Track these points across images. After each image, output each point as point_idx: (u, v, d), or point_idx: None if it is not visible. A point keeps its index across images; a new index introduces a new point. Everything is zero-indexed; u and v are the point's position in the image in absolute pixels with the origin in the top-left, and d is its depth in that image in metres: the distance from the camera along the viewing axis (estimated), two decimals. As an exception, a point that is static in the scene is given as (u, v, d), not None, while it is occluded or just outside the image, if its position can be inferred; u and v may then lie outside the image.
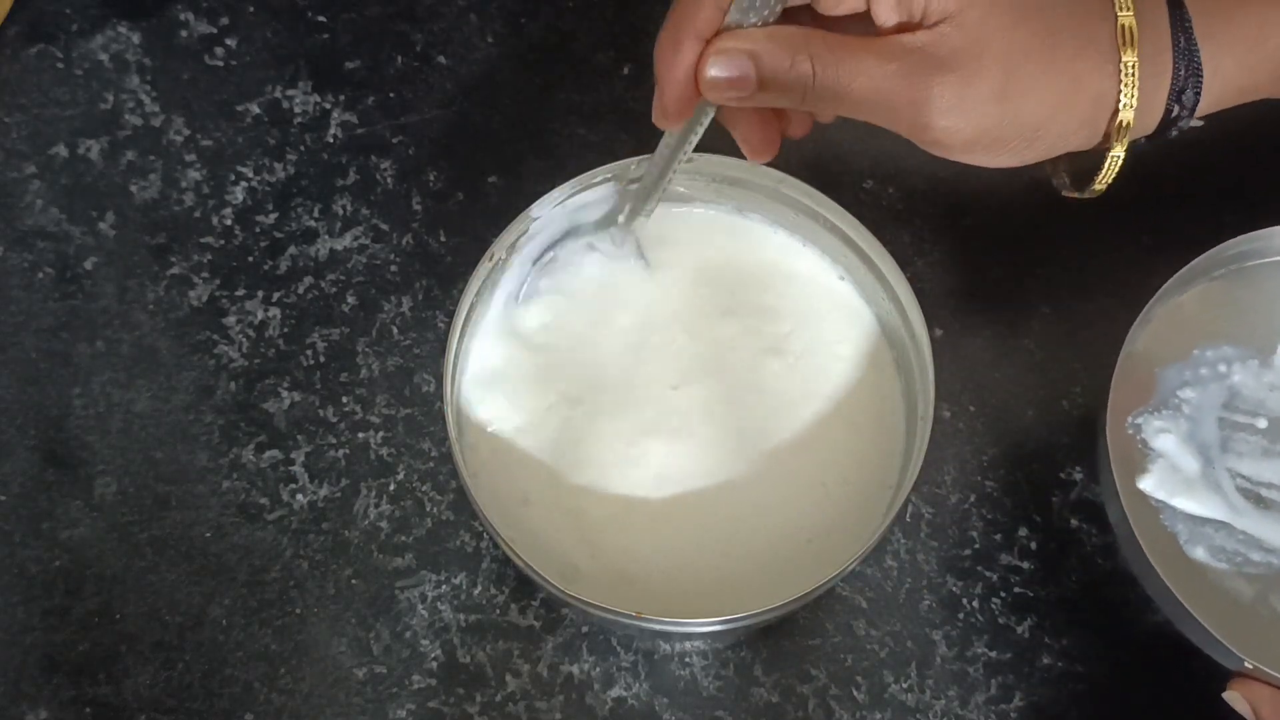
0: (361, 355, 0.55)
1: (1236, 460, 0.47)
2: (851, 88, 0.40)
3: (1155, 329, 0.48)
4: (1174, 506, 0.46)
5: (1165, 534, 0.46)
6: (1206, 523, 0.46)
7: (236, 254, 0.57)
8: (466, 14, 0.62)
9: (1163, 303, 0.48)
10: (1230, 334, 0.49)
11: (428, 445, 0.54)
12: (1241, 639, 0.42)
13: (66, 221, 0.58)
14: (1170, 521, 0.46)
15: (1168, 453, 0.47)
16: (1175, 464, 0.47)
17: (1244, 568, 0.45)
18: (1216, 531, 0.46)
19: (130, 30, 0.61)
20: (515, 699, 0.50)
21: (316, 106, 0.60)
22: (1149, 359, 0.48)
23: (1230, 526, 0.46)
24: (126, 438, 0.54)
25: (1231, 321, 0.49)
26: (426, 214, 0.58)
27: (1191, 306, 0.49)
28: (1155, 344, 0.48)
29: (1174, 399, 0.48)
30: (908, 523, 0.53)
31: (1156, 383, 0.48)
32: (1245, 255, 0.49)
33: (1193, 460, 0.47)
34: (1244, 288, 0.49)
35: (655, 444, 0.49)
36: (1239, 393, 0.48)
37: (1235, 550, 0.46)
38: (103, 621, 0.51)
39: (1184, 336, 0.48)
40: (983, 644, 0.51)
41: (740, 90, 0.40)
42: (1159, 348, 0.48)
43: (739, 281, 0.52)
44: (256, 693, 0.50)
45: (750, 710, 0.50)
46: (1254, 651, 0.42)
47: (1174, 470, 0.47)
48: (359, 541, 0.52)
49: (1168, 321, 0.48)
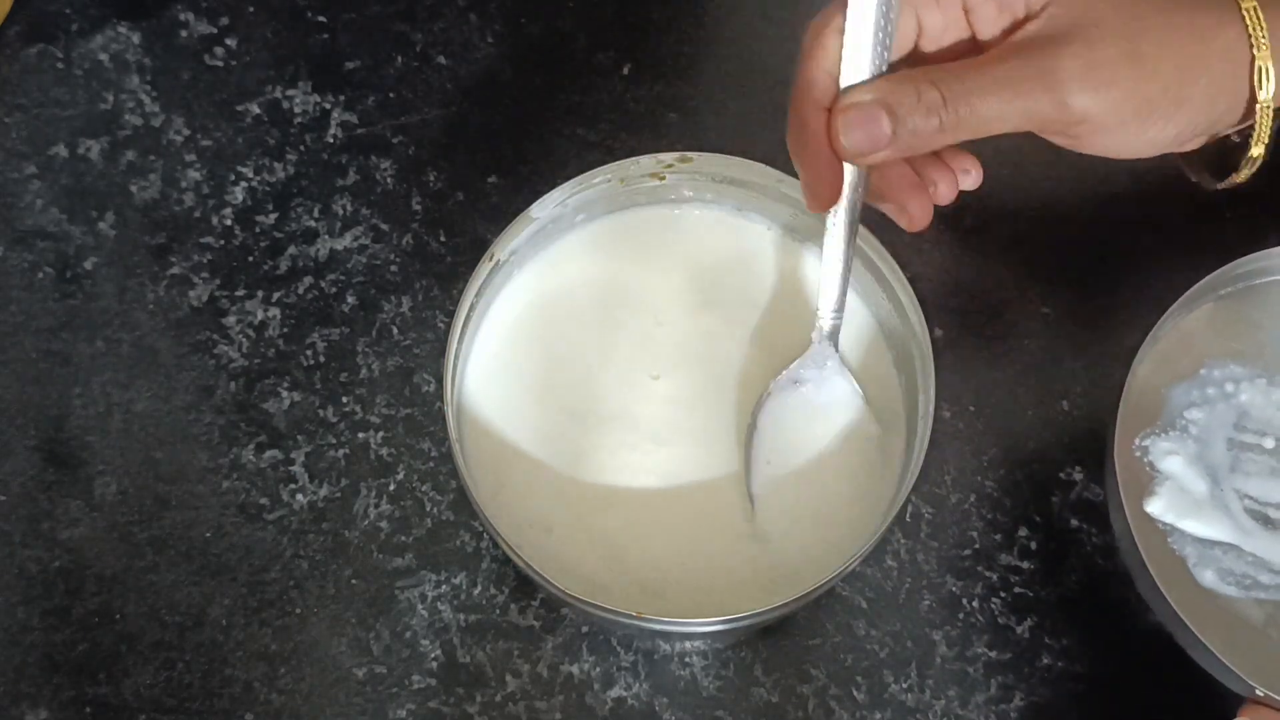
0: (361, 355, 0.55)
1: (1245, 481, 0.47)
2: (984, 98, 0.39)
3: (1162, 349, 0.48)
4: (1182, 529, 0.46)
5: (1174, 558, 0.45)
6: (1215, 545, 0.46)
7: (236, 254, 0.57)
8: (466, 14, 0.62)
9: (1170, 322, 0.47)
10: (1238, 353, 0.48)
11: (428, 445, 0.54)
12: (1252, 665, 0.42)
13: (66, 221, 0.58)
14: (1179, 545, 0.46)
15: (1175, 475, 0.46)
16: (1183, 486, 0.46)
17: (1253, 591, 0.45)
18: (1225, 554, 0.45)
19: (130, 30, 0.61)
20: (515, 699, 0.50)
21: (316, 106, 0.60)
22: (1156, 379, 0.47)
23: (1239, 549, 0.46)
24: (126, 438, 0.54)
25: (1239, 340, 0.48)
26: (426, 214, 0.58)
27: (1199, 325, 0.48)
28: (1162, 364, 0.48)
29: (1181, 419, 0.47)
30: (908, 523, 0.53)
31: (1164, 403, 0.47)
32: (1253, 274, 0.49)
33: (1201, 482, 0.46)
34: (1252, 306, 0.49)
35: (658, 445, 0.49)
36: (1247, 412, 0.47)
37: (1244, 573, 0.45)
38: (103, 621, 0.51)
39: (1191, 356, 0.48)
40: (983, 644, 0.51)
41: (877, 142, 0.40)
42: (1166, 368, 0.48)
43: (741, 282, 0.52)
44: (256, 693, 0.50)
45: (750, 710, 0.50)
46: (1265, 678, 0.42)
47: (1182, 492, 0.46)
48: (359, 541, 0.52)
49: (1175, 341, 0.48)
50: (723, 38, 0.62)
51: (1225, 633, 0.43)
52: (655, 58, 0.61)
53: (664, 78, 0.61)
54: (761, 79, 0.60)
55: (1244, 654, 0.42)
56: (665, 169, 0.51)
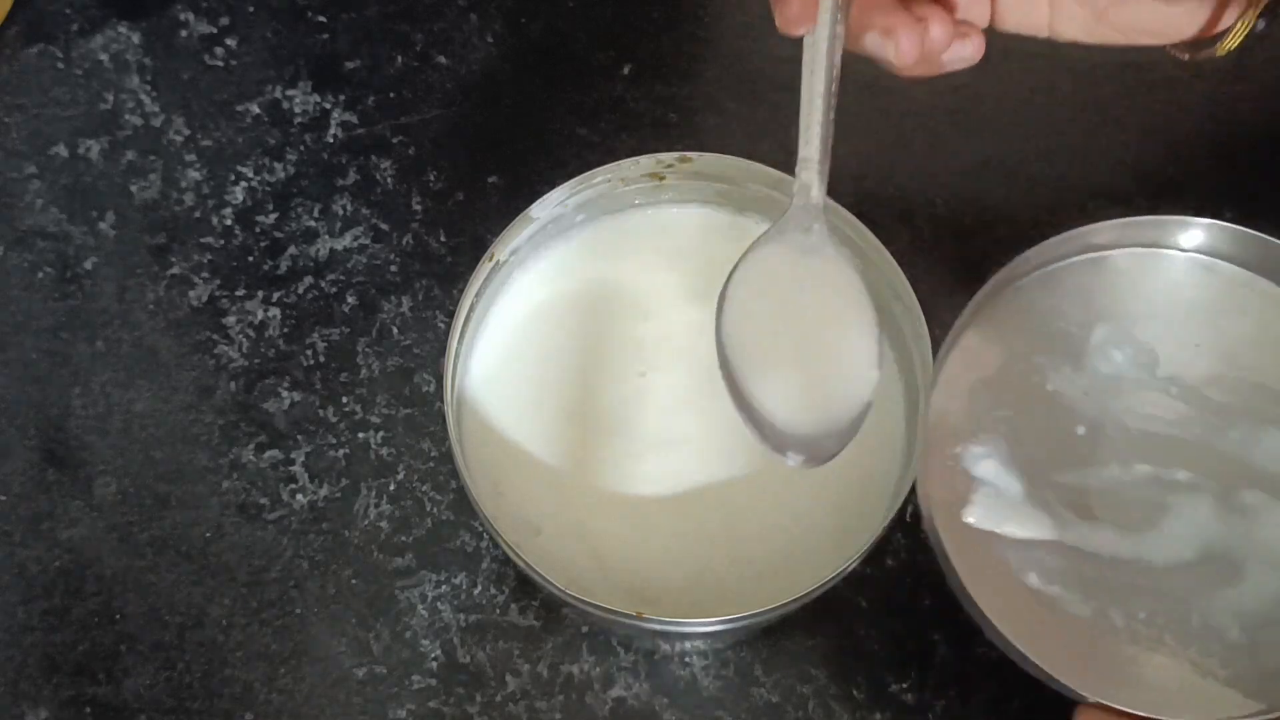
0: (361, 355, 0.55)
1: (1059, 472, 0.44)
2: None
3: (963, 350, 0.45)
4: (1002, 535, 0.43)
5: (997, 564, 0.43)
6: (1037, 545, 0.43)
7: (236, 254, 0.57)
8: (466, 14, 0.62)
9: (968, 323, 0.45)
10: (1039, 343, 0.46)
11: (428, 445, 0.54)
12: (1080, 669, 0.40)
13: (66, 221, 0.58)
14: (1000, 551, 0.43)
15: (989, 479, 0.44)
16: (998, 489, 0.44)
17: (1075, 588, 0.43)
18: (1048, 553, 0.43)
19: (130, 30, 0.61)
20: (515, 699, 0.50)
21: (316, 106, 0.60)
22: (961, 382, 0.45)
23: (1060, 544, 0.43)
24: (126, 438, 0.54)
25: (1039, 330, 0.46)
26: (426, 214, 0.58)
27: (998, 320, 0.46)
28: (965, 366, 0.45)
29: (989, 419, 0.45)
30: (908, 523, 0.52)
31: (971, 406, 0.45)
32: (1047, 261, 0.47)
33: (1015, 481, 0.44)
34: (1049, 294, 0.47)
35: (658, 446, 0.49)
36: (1055, 402, 0.45)
37: (1066, 568, 0.43)
38: (103, 621, 0.51)
39: (994, 352, 0.46)
40: (983, 644, 0.51)
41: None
42: (969, 369, 0.45)
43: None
44: (256, 693, 0.50)
45: (750, 710, 0.50)
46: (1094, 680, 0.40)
47: (998, 496, 0.44)
48: (359, 541, 0.52)
49: (976, 340, 0.46)
50: (723, 38, 0.62)
51: (1053, 639, 0.41)
52: (655, 58, 0.61)
53: (664, 78, 0.61)
54: (761, 80, 0.60)
55: (1071, 657, 0.41)
56: (665, 169, 0.51)
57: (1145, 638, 0.42)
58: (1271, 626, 0.42)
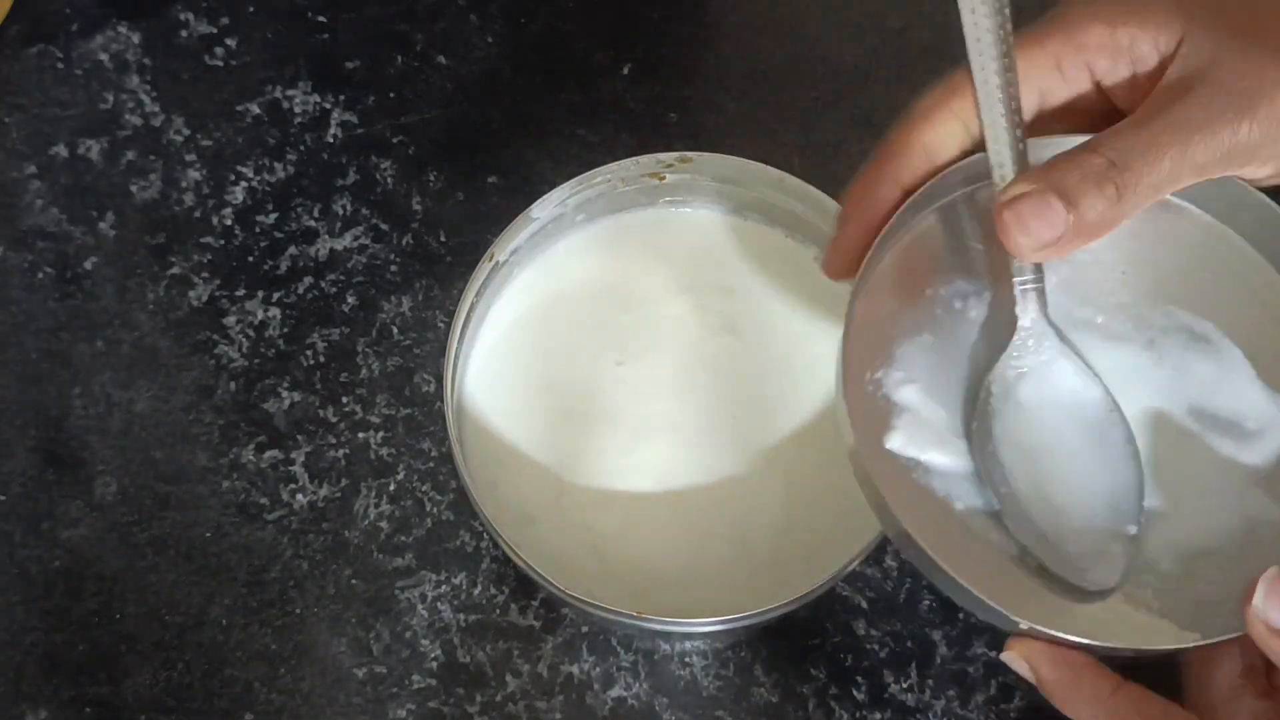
0: (361, 355, 0.55)
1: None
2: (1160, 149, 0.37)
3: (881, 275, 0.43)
4: (925, 462, 0.42)
5: (921, 493, 0.41)
6: (963, 474, 0.42)
7: (236, 254, 0.57)
8: (466, 14, 0.62)
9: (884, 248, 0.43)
10: (960, 268, 0.44)
11: (428, 445, 0.54)
12: (1012, 598, 0.39)
13: (66, 221, 0.58)
14: (924, 479, 0.41)
15: (912, 405, 0.42)
16: (922, 415, 0.42)
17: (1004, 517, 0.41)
18: (974, 482, 0.41)
19: (130, 30, 0.61)
20: (515, 699, 0.50)
21: (316, 106, 0.60)
22: (880, 310, 0.43)
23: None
24: (126, 438, 0.54)
25: (959, 255, 0.44)
26: (426, 214, 0.58)
27: (914, 247, 0.44)
28: (885, 290, 0.43)
29: (912, 345, 0.43)
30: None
31: (893, 332, 0.43)
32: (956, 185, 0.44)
33: (939, 408, 0.42)
34: (966, 219, 0.44)
35: (655, 443, 0.49)
36: (979, 327, 0.43)
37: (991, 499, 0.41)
38: (103, 621, 0.51)
39: (914, 279, 0.44)
40: (983, 644, 0.51)
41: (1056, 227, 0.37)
42: (889, 294, 0.43)
43: (740, 282, 0.52)
44: (256, 693, 0.50)
45: (750, 710, 0.50)
46: (1026, 609, 0.39)
47: (922, 423, 0.42)
48: (359, 541, 0.52)
49: (893, 265, 0.43)
50: (723, 38, 0.62)
51: (983, 567, 0.40)
52: (655, 58, 0.61)
53: (664, 78, 0.61)
54: (761, 79, 0.60)
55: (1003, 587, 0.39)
56: (665, 169, 0.51)
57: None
58: (1204, 558, 0.41)
